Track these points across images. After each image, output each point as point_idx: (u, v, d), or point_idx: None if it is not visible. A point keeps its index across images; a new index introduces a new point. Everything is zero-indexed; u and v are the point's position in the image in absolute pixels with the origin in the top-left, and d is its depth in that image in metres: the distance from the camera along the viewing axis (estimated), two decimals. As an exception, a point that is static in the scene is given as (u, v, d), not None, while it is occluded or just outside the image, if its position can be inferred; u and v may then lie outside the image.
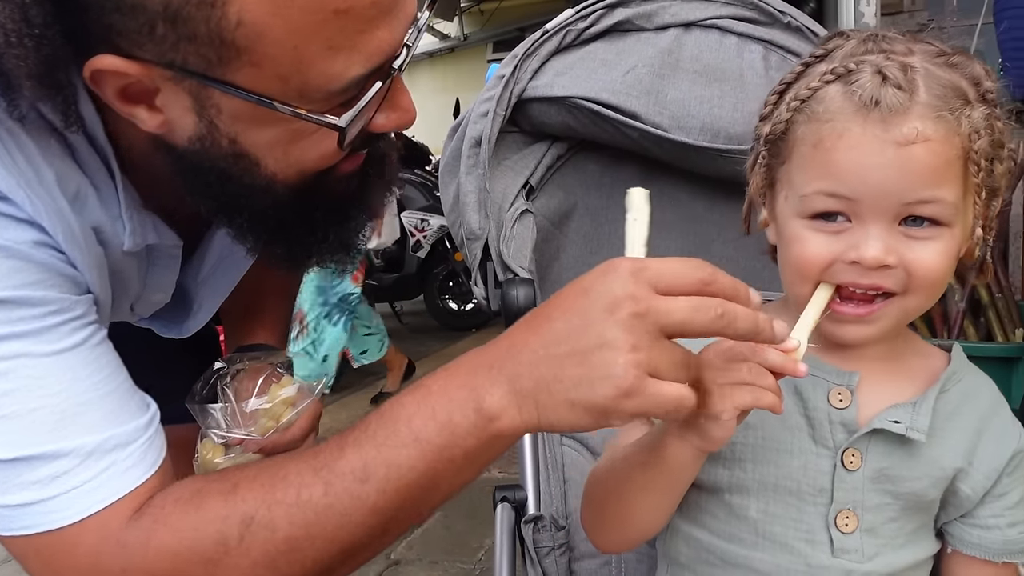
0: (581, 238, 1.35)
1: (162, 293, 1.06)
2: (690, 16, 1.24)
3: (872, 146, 0.76)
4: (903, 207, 0.76)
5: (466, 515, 2.89)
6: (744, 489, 0.87)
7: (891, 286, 0.78)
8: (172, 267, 1.02)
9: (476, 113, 1.22)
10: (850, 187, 0.77)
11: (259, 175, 0.83)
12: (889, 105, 0.75)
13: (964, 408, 0.87)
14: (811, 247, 0.80)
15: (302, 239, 0.94)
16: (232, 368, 1.10)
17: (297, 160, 0.83)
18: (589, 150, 1.33)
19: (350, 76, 0.75)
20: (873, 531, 0.85)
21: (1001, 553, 0.87)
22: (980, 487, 0.86)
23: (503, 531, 1.06)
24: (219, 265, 1.10)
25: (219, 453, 1.05)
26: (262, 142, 0.80)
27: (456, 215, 1.24)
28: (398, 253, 6.09)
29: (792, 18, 1.20)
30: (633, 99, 1.20)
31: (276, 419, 1.07)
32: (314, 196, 0.89)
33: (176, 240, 0.98)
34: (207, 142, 0.79)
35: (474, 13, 8.86)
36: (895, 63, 0.77)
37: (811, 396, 0.86)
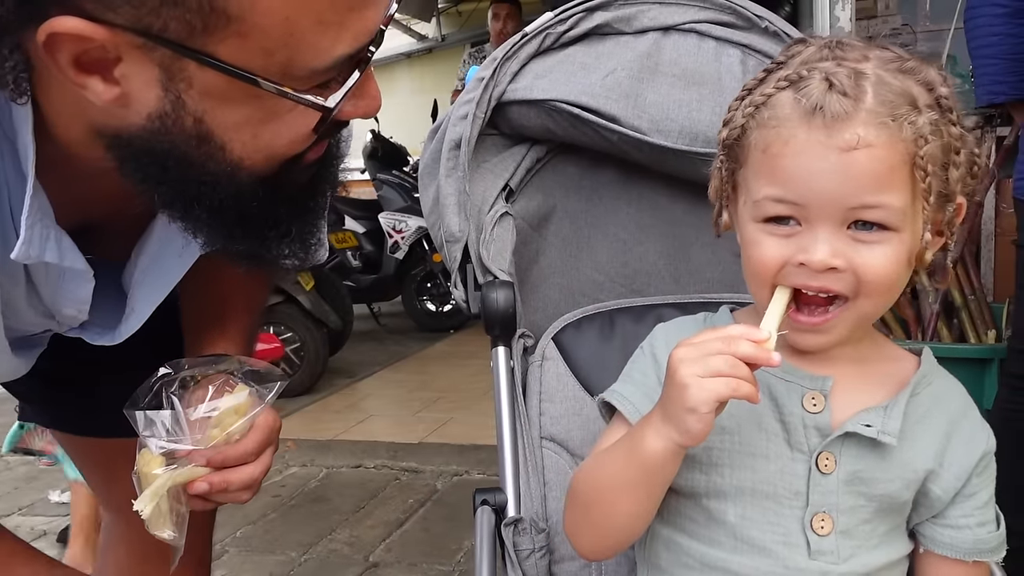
0: (560, 241, 1.35)
1: (75, 309, 0.99)
2: (669, 20, 1.24)
3: (816, 152, 0.77)
4: (849, 212, 0.78)
5: (445, 517, 2.88)
6: (722, 494, 0.88)
7: (840, 289, 0.80)
8: (83, 287, 0.95)
9: (456, 116, 1.22)
10: (797, 193, 0.79)
11: (223, 160, 0.77)
12: (832, 112, 0.77)
13: (934, 411, 0.88)
14: (764, 250, 0.82)
15: (262, 233, 0.88)
16: (179, 374, 1.00)
17: (267, 144, 0.78)
18: (568, 153, 1.33)
19: (336, 54, 0.72)
20: (848, 533, 0.86)
21: (972, 552, 0.88)
22: (951, 488, 0.87)
23: (483, 534, 1.05)
24: (153, 266, 1.03)
25: (157, 464, 0.95)
26: (231, 122, 0.75)
27: (436, 217, 1.24)
28: (376, 254, 6.07)
29: (769, 23, 1.21)
30: (612, 102, 1.20)
31: (223, 429, 0.97)
32: (277, 187, 0.83)
33: (84, 266, 0.91)
34: (169, 120, 0.74)
35: (452, 14, 8.84)
36: (845, 70, 0.79)
37: (786, 401, 0.87)
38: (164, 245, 1.00)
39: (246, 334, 1.18)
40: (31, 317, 0.96)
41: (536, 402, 1.18)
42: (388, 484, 3.26)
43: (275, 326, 4.47)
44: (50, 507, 3.19)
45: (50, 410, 1.35)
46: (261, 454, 1.00)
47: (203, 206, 0.81)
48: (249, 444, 0.98)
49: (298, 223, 0.90)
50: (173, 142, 0.75)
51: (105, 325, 1.05)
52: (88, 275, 0.93)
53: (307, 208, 0.91)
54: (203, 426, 0.97)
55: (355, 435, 3.82)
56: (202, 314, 1.17)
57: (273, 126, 0.77)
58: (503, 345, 1.17)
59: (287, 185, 0.85)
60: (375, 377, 5.04)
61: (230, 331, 1.15)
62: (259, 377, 1.03)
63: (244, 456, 0.98)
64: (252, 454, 0.99)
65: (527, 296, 1.32)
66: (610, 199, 1.34)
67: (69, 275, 0.92)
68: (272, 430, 1.02)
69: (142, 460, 0.95)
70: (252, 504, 3.06)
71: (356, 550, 2.70)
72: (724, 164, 0.88)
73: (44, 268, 0.89)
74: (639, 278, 1.33)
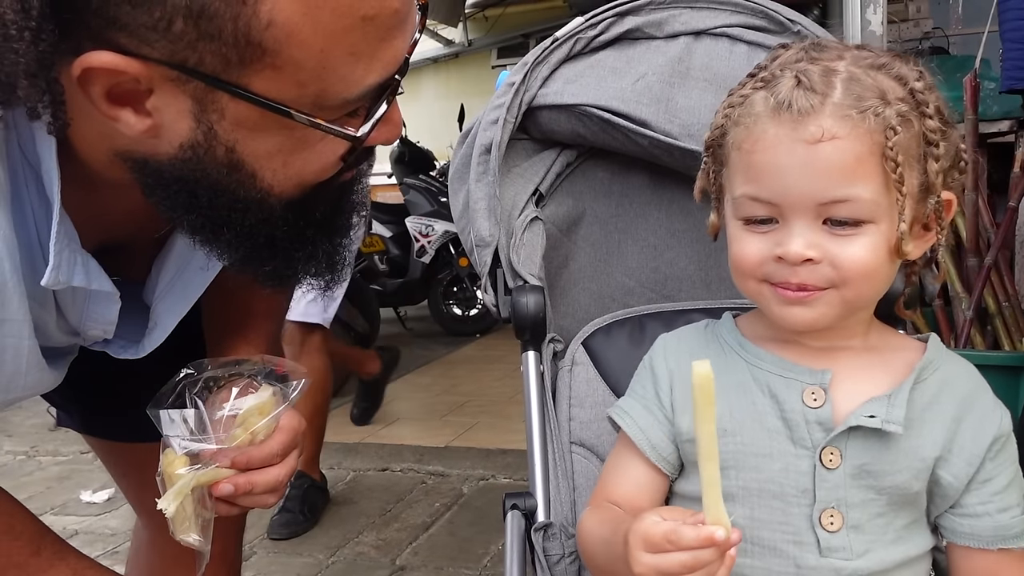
0: (590, 246, 1.35)
1: (101, 329, 0.99)
2: (700, 24, 1.24)
3: (783, 146, 0.79)
4: (820, 208, 0.79)
5: (471, 521, 2.88)
6: (729, 496, 0.87)
7: (817, 282, 0.81)
8: (110, 308, 0.96)
9: (486, 120, 1.23)
10: (770, 190, 0.81)
11: (254, 188, 0.78)
12: (799, 107, 0.79)
13: (943, 396, 0.87)
14: (745, 246, 0.85)
15: (290, 255, 0.88)
16: (202, 375, 0.99)
17: (297, 172, 0.79)
18: (598, 158, 1.33)
19: (367, 84, 0.74)
20: (859, 528, 0.85)
21: (994, 540, 0.86)
22: (963, 474, 0.85)
23: (513, 539, 1.06)
24: (176, 282, 1.04)
25: (181, 464, 0.93)
26: (262, 151, 0.76)
27: (466, 222, 1.24)
28: (403, 258, 6.09)
29: (802, 27, 1.20)
30: (643, 107, 1.20)
31: (247, 429, 0.96)
32: (307, 211, 0.84)
33: (110, 287, 0.91)
34: (201, 150, 0.75)
35: (478, 19, 8.86)
36: (818, 68, 0.81)
37: (786, 398, 0.87)
38: (186, 259, 1.01)
39: (269, 340, 1.18)
40: (58, 336, 0.97)
41: (566, 407, 1.18)
42: (415, 488, 3.26)
43: (303, 329, 4.49)
44: (82, 507, 3.23)
45: (81, 415, 1.36)
46: (286, 456, 0.99)
47: (232, 232, 0.82)
48: (274, 445, 0.97)
49: (325, 244, 0.91)
50: (204, 171, 0.76)
51: (129, 339, 1.06)
52: (115, 297, 0.93)
53: (334, 229, 0.92)
54: (227, 426, 0.96)
55: (382, 438, 3.84)
56: (225, 321, 1.17)
57: (303, 155, 0.78)
58: (533, 350, 1.17)
59: (315, 208, 0.86)
60: (401, 381, 5.05)
61: (253, 337, 1.15)
62: (282, 377, 1.02)
63: (269, 458, 0.97)
64: (277, 456, 0.98)
65: (557, 301, 1.32)
66: (640, 204, 1.33)
67: (95, 297, 0.93)
68: (297, 432, 1.01)
69: (165, 460, 0.94)
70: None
71: (383, 553, 2.71)
72: (710, 166, 0.91)
73: (71, 292, 0.90)
74: (670, 283, 1.33)
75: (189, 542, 0.94)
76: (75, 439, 3.18)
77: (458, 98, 7.38)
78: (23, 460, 3.85)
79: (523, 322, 1.15)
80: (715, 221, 0.94)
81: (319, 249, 0.90)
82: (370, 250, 5.88)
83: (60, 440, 3.97)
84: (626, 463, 0.96)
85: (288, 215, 0.82)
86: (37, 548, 0.98)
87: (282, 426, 0.99)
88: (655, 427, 0.94)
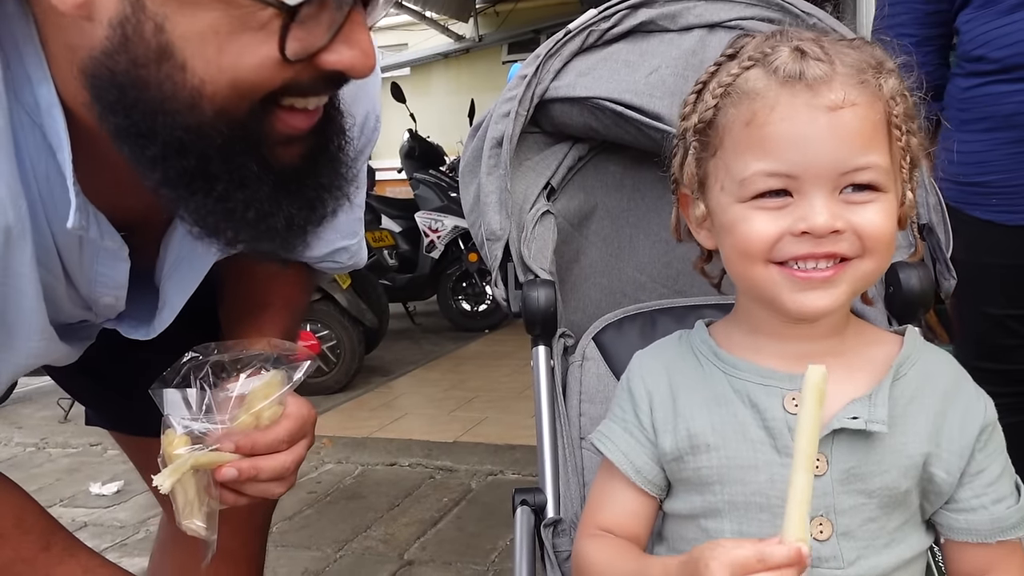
0: (602, 240, 1.34)
1: (112, 296, 0.97)
2: (715, 17, 1.23)
3: (804, 114, 0.77)
4: (841, 177, 0.78)
5: (479, 516, 2.88)
6: (717, 512, 0.86)
7: (846, 250, 0.79)
8: (119, 268, 0.93)
9: (497, 113, 1.22)
10: (789, 162, 0.78)
11: (183, 83, 0.72)
12: (814, 75, 0.78)
13: (924, 390, 0.86)
14: (757, 225, 0.80)
15: (227, 194, 0.79)
16: (208, 358, 0.96)
17: (232, 64, 0.72)
18: (611, 151, 1.32)
19: None
20: (850, 535, 0.83)
21: (992, 533, 0.85)
22: (955, 468, 0.84)
23: (522, 534, 1.05)
24: (182, 259, 1.01)
25: (182, 444, 0.90)
26: (193, 33, 0.70)
27: (476, 215, 1.23)
28: (412, 253, 6.10)
29: (818, 19, 1.19)
30: (656, 100, 1.19)
31: (249, 410, 0.93)
32: (249, 139, 0.77)
33: (119, 243, 0.88)
34: (129, 27, 0.70)
35: (489, 14, 8.85)
36: (809, 41, 0.81)
37: (767, 406, 0.85)
38: (191, 237, 1.00)
39: (284, 333, 1.16)
40: (69, 308, 0.95)
41: (576, 402, 1.17)
42: (423, 482, 3.26)
43: (312, 324, 4.51)
44: (91, 499, 3.25)
45: (105, 410, 1.36)
46: (294, 444, 0.97)
47: (158, 141, 0.75)
48: (280, 431, 0.95)
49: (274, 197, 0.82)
50: (132, 58, 0.71)
51: (140, 319, 1.05)
52: (123, 253, 0.91)
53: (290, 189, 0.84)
54: (233, 409, 0.94)
55: (390, 433, 3.84)
56: (240, 312, 1.16)
57: (240, 40, 0.71)
58: (543, 344, 1.17)
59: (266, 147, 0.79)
60: (410, 376, 5.07)
61: (267, 329, 1.13)
62: (290, 362, 1.00)
63: (275, 443, 0.94)
64: (284, 442, 0.95)
65: (568, 295, 1.31)
66: (652, 198, 1.32)
67: (103, 257, 0.90)
68: (306, 421, 0.98)
69: (165, 440, 0.92)
70: (288, 500, 3.10)
71: (391, 548, 2.71)
72: (695, 151, 0.86)
73: (78, 252, 0.88)
74: (681, 279, 1.31)
75: (193, 529, 0.92)
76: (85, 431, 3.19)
77: (468, 93, 7.38)
78: (33, 452, 3.87)
79: (534, 316, 1.14)
80: (704, 212, 0.88)
81: (263, 198, 0.80)
82: (379, 245, 5.89)
83: (70, 432, 3.99)
84: (613, 488, 0.93)
85: (223, 128, 0.75)
86: (47, 543, 0.97)
87: (289, 412, 0.96)
88: (638, 450, 0.91)
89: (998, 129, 1.65)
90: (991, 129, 1.66)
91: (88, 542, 2.52)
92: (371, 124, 1.14)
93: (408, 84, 7.81)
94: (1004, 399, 1.77)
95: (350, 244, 1.25)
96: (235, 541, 1.22)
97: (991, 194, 1.70)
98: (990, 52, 1.63)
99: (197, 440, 0.92)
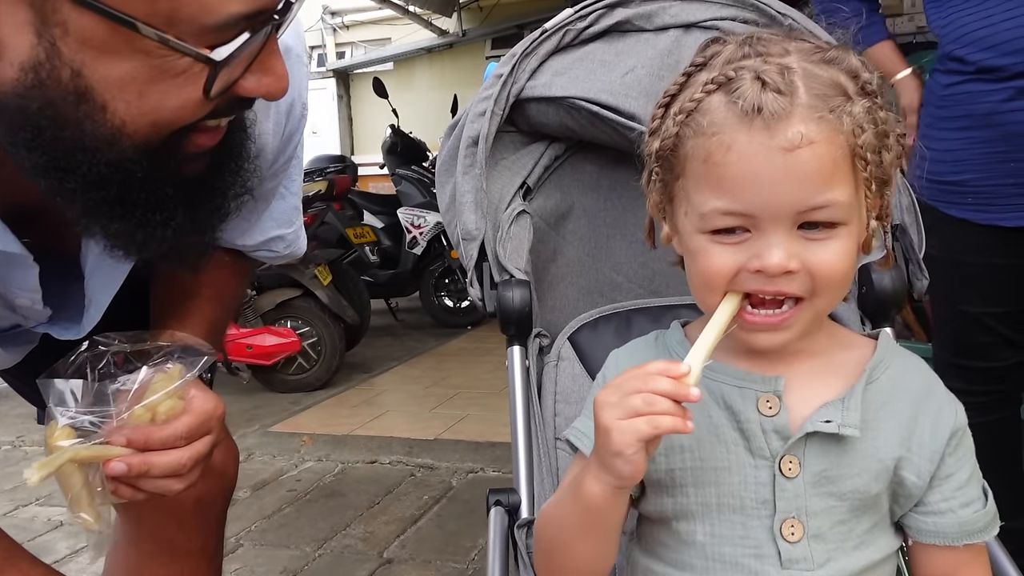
0: (578, 240, 1.34)
1: (27, 298, 0.94)
2: (690, 17, 1.23)
3: (761, 155, 0.75)
4: (799, 215, 0.77)
5: (459, 514, 2.88)
6: (689, 514, 0.86)
7: (796, 291, 0.79)
8: (27, 272, 0.90)
9: (473, 112, 1.21)
10: (746, 202, 0.77)
11: (103, 124, 0.72)
12: (771, 111, 0.75)
13: (897, 395, 0.86)
14: (715, 259, 0.80)
15: (145, 216, 0.80)
16: (109, 349, 0.92)
17: (153, 107, 0.72)
18: (587, 151, 1.32)
19: (228, 11, 0.69)
20: (820, 537, 0.83)
21: (959, 536, 0.85)
22: (925, 472, 0.84)
23: (496, 535, 1.05)
24: (105, 256, 0.96)
25: (64, 436, 0.86)
26: (113, 78, 0.70)
27: (452, 215, 1.23)
28: (394, 250, 6.08)
29: (793, 20, 1.19)
30: (632, 100, 1.19)
31: (148, 407, 0.89)
32: (164, 166, 0.77)
33: (20, 250, 0.85)
34: (44, 72, 0.69)
35: (473, 9, 8.83)
36: (773, 66, 0.77)
37: (741, 408, 0.85)
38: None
39: (210, 326, 1.13)
40: None
41: (551, 403, 1.17)
42: (403, 480, 3.26)
43: (292, 320, 4.49)
44: (68, 497, 3.22)
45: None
46: (195, 440, 0.93)
47: (77, 177, 0.75)
48: (178, 427, 0.91)
49: (188, 213, 0.83)
50: (48, 99, 0.70)
51: (72, 320, 1.02)
52: (27, 260, 0.89)
53: (200, 201, 0.85)
54: (131, 403, 0.89)
55: (371, 430, 3.83)
56: (166, 303, 1.13)
57: (161, 86, 0.71)
58: (518, 344, 1.17)
59: (177, 168, 0.79)
60: (392, 372, 5.05)
61: (190, 320, 1.10)
62: (194, 354, 0.97)
63: (171, 439, 0.90)
64: (181, 438, 0.91)
65: (544, 295, 1.31)
66: (629, 199, 1.32)
67: (10, 262, 0.88)
68: (210, 417, 0.95)
69: (48, 432, 0.88)
70: (267, 498, 3.09)
71: (370, 546, 2.70)
72: (658, 176, 0.86)
73: None
74: (657, 279, 1.32)
75: (82, 521, 0.89)
76: (61, 429, 3.14)
77: (452, 88, 7.36)
78: (8, 450, 3.83)
79: (508, 316, 1.14)
80: (669, 233, 0.88)
81: (177, 214, 0.81)
82: (361, 241, 5.86)
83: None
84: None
85: (143, 162, 0.76)
86: None
87: (192, 408, 0.93)
88: None
89: (974, 128, 1.66)
90: (967, 128, 1.67)
91: (63, 542, 2.49)
92: (297, 111, 1.13)
93: (391, 79, 7.78)
94: (982, 396, 1.80)
95: (286, 233, 1.24)
96: (181, 535, 1.20)
97: (966, 193, 1.71)
98: (969, 54, 1.64)
99: (86, 433, 0.88)
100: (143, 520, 0.96)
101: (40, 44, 0.68)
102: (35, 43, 0.68)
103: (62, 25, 0.67)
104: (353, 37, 9.64)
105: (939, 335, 1.94)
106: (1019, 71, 1.58)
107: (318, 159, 6.58)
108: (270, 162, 1.10)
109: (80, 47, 0.68)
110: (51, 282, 0.96)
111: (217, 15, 0.69)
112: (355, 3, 8.59)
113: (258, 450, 3.61)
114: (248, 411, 4.14)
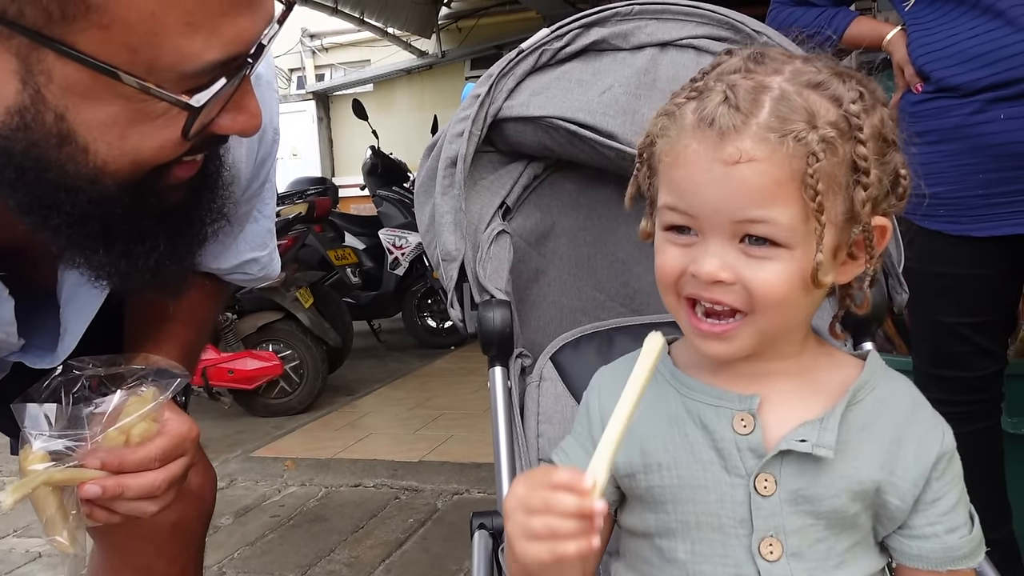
0: (559, 259, 1.34)
1: (2, 332, 0.95)
2: (666, 36, 1.23)
3: (702, 163, 0.78)
4: (736, 225, 0.77)
5: (445, 537, 2.85)
6: (670, 531, 0.86)
7: (731, 302, 0.79)
8: (3, 306, 0.91)
9: (451, 133, 1.21)
10: (687, 202, 0.79)
11: (86, 164, 0.74)
12: (722, 125, 0.77)
13: (880, 417, 0.85)
14: (667, 258, 0.83)
15: (128, 248, 0.83)
16: (84, 373, 0.93)
17: (134, 148, 0.75)
18: (566, 170, 1.32)
19: (206, 59, 0.71)
20: (800, 555, 0.83)
21: (943, 562, 0.84)
22: (909, 496, 0.84)
23: (480, 559, 1.03)
24: (81, 284, 0.98)
25: (38, 460, 0.87)
26: (95, 122, 0.72)
27: (432, 236, 1.22)
28: (376, 271, 6.06)
29: (768, 37, 1.20)
30: (609, 119, 1.19)
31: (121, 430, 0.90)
32: (146, 198, 0.80)
33: None
34: (28, 116, 0.71)
35: (452, 30, 8.87)
36: (750, 83, 0.78)
37: (716, 427, 0.85)
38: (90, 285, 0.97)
39: (185, 349, 1.14)
40: None
41: (534, 423, 1.16)
42: (388, 503, 3.23)
43: (274, 343, 4.45)
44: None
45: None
46: (169, 463, 0.93)
47: (61, 215, 0.77)
48: (152, 449, 0.92)
49: (169, 242, 0.86)
50: (32, 141, 0.72)
51: (46, 348, 1.02)
52: (2, 293, 0.90)
53: (177, 229, 0.87)
54: (105, 427, 0.90)
55: (355, 453, 3.80)
56: (139, 327, 1.13)
57: (141, 129, 0.74)
58: (500, 365, 1.16)
59: (156, 200, 0.82)
60: (375, 394, 5.02)
61: (164, 343, 1.11)
62: (168, 376, 0.97)
63: (145, 461, 0.91)
64: (155, 460, 0.92)
65: (526, 315, 1.30)
66: (609, 217, 1.32)
67: None
68: (184, 439, 0.95)
69: (22, 456, 0.89)
70: (250, 524, 3.05)
71: (355, 571, 2.67)
72: (643, 172, 0.89)
73: None
74: (639, 297, 1.31)
75: (57, 543, 0.89)
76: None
77: (432, 109, 7.37)
78: (-14, 481, 3.77)
79: (489, 337, 1.14)
80: (646, 228, 0.91)
81: (159, 243, 0.84)
82: (343, 263, 5.84)
83: (25, 459, 3.89)
84: None
85: (124, 198, 0.78)
86: None
87: (166, 430, 0.93)
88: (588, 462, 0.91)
89: (944, 141, 1.69)
90: (937, 141, 1.70)
91: (42, 573, 2.45)
92: (269, 136, 1.15)
93: (371, 100, 7.78)
94: (962, 407, 1.80)
95: (260, 256, 1.25)
96: (159, 560, 1.19)
97: (938, 205, 1.73)
98: (935, 71, 1.67)
99: (60, 456, 0.89)
100: (120, 546, 0.95)
101: (25, 91, 0.70)
102: (20, 89, 0.70)
103: (46, 73, 0.69)
104: (332, 59, 9.66)
105: (918, 346, 1.95)
106: (984, 86, 1.61)
107: (298, 181, 6.55)
108: (244, 187, 1.11)
109: (64, 93, 0.70)
110: (24, 313, 0.96)
111: (195, 63, 0.71)
112: (334, 26, 8.61)
113: (240, 476, 3.57)
114: (230, 436, 4.09)
